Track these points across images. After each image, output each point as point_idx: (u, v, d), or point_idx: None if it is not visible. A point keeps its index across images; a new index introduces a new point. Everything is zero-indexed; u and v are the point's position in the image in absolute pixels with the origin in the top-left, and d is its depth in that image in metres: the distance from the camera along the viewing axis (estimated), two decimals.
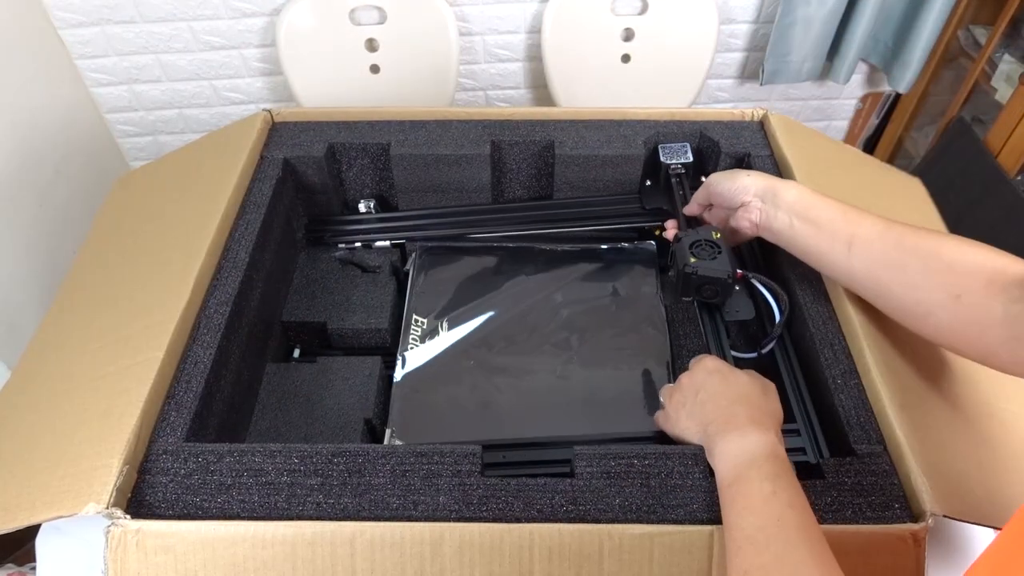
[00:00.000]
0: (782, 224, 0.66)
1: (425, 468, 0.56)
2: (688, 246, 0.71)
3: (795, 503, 0.49)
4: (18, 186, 1.27)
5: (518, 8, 1.45)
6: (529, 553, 0.52)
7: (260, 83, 1.57)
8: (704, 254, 0.70)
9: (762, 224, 0.69)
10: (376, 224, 0.91)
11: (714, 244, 0.71)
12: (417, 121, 0.90)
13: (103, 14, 1.41)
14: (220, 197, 0.77)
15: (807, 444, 0.62)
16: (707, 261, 0.70)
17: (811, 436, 0.63)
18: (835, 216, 0.63)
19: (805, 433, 0.63)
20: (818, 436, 0.63)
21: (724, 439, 0.55)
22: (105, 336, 0.67)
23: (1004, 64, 1.40)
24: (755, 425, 0.55)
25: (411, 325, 0.82)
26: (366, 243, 0.90)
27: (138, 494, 0.55)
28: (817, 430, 0.63)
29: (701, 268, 0.69)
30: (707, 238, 0.72)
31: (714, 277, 0.69)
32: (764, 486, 0.50)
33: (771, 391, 0.61)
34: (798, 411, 0.66)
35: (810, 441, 0.63)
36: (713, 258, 0.70)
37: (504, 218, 0.89)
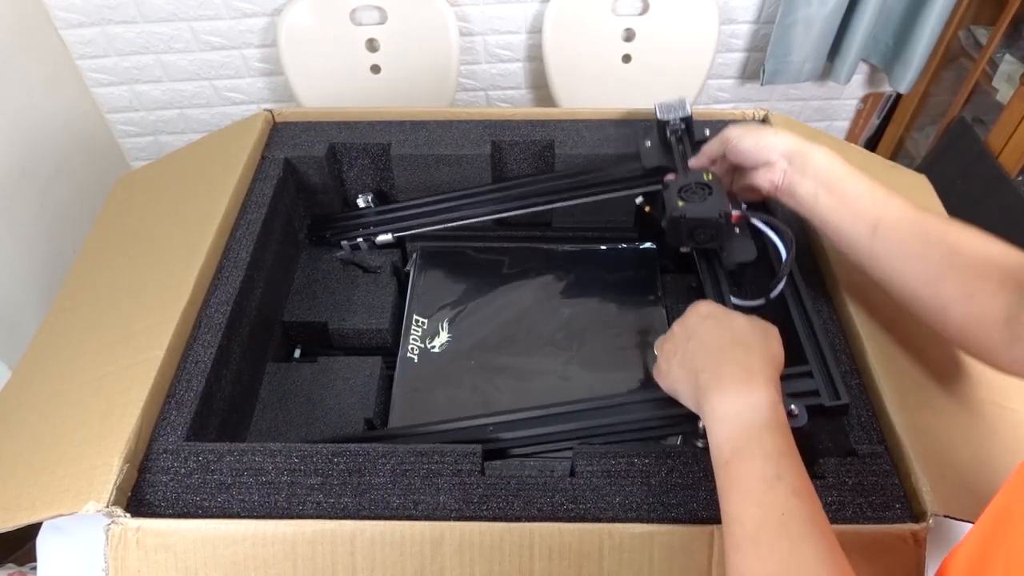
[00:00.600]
0: (806, 192, 0.61)
1: (425, 467, 0.56)
2: (677, 191, 0.66)
3: (801, 490, 0.45)
4: (19, 186, 1.28)
5: (518, 8, 1.45)
6: (529, 552, 0.52)
7: (260, 83, 1.57)
8: (694, 197, 0.65)
9: (783, 188, 0.63)
10: (375, 217, 0.90)
11: (705, 186, 0.65)
12: (417, 121, 0.90)
13: (104, 14, 1.41)
14: (221, 197, 0.77)
15: (820, 385, 0.58)
16: (697, 204, 0.64)
17: (825, 376, 0.59)
18: (863, 193, 0.59)
19: (819, 374, 0.59)
20: (833, 376, 0.58)
21: (718, 396, 0.51)
22: (106, 336, 0.67)
23: (1005, 64, 1.39)
24: (752, 379, 0.50)
25: (412, 325, 0.82)
26: (368, 237, 0.89)
27: (138, 493, 0.55)
28: (833, 371, 0.59)
29: (690, 211, 0.64)
30: (697, 180, 0.66)
31: (705, 218, 0.63)
32: (767, 469, 0.46)
33: (772, 334, 0.55)
34: (811, 351, 0.61)
35: (824, 382, 0.58)
36: (704, 200, 0.64)
37: (503, 196, 0.87)
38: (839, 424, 0.59)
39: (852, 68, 1.51)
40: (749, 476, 0.46)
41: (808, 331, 0.63)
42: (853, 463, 0.56)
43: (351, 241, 0.90)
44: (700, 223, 0.64)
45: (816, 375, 0.59)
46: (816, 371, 0.59)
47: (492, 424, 0.64)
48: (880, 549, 0.53)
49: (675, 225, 0.64)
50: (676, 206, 0.64)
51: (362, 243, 0.90)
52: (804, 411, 0.53)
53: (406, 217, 0.89)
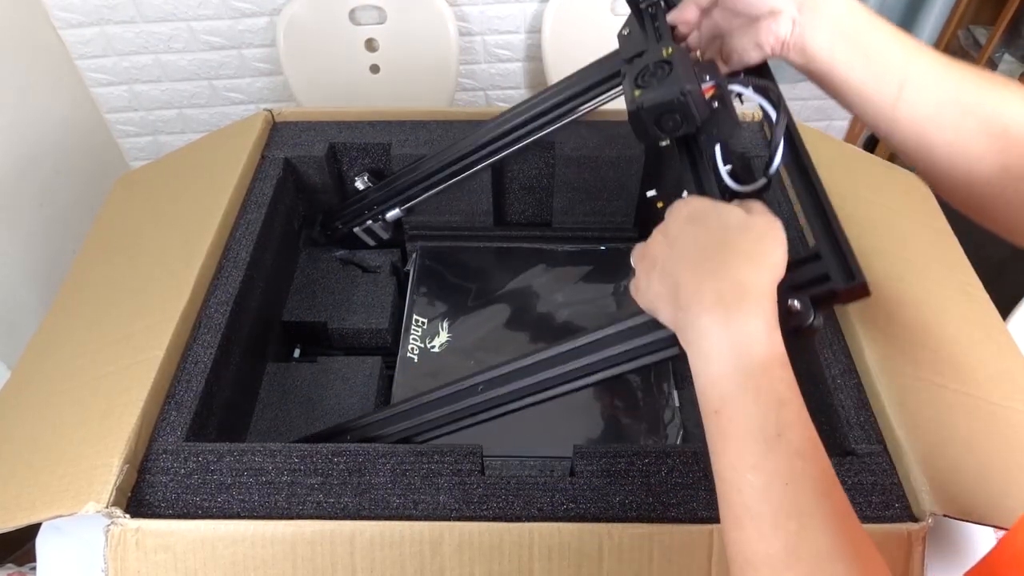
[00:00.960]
0: (821, 44, 0.51)
1: (425, 467, 0.56)
2: (633, 79, 0.55)
3: (806, 450, 0.38)
4: (18, 186, 1.27)
5: (518, 8, 1.45)
6: (529, 552, 0.52)
7: (260, 83, 1.57)
8: (652, 80, 0.54)
9: (794, 42, 0.52)
10: (378, 194, 0.88)
11: (664, 63, 0.54)
12: (417, 121, 0.90)
13: (103, 14, 1.41)
14: (221, 197, 0.77)
15: (832, 268, 0.45)
16: (654, 87, 0.53)
17: (837, 256, 0.46)
18: (890, 45, 0.50)
19: (829, 254, 0.47)
20: (846, 254, 0.45)
21: (702, 321, 0.41)
22: (105, 336, 0.67)
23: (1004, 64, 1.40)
24: (745, 298, 0.40)
25: (411, 325, 0.82)
26: (378, 216, 0.88)
27: (138, 493, 0.55)
28: (845, 248, 0.46)
29: (648, 98, 0.53)
30: (655, 59, 0.55)
31: (665, 101, 0.52)
32: (765, 425, 0.38)
33: (773, 235, 0.44)
34: (818, 227, 0.49)
35: (836, 262, 0.46)
36: (663, 79, 0.53)
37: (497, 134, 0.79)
38: None
39: None
40: (744, 433, 0.39)
41: (813, 202, 0.51)
42: (852, 463, 0.56)
43: (363, 226, 0.89)
44: (662, 108, 0.53)
45: (826, 257, 0.46)
46: (826, 252, 0.47)
47: (481, 383, 0.60)
48: (880, 549, 0.52)
49: (636, 119, 0.54)
50: (633, 96, 0.54)
51: (372, 224, 0.89)
52: (808, 304, 0.43)
53: (408, 185, 0.85)
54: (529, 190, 0.92)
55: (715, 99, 0.54)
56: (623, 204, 0.90)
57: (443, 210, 0.91)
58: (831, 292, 0.44)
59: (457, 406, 0.61)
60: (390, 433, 0.64)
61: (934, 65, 0.49)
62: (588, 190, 0.89)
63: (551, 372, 0.57)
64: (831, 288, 0.44)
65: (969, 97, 0.48)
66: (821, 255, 0.47)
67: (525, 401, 0.59)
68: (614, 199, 0.89)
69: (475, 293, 0.85)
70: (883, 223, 0.78)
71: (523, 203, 0.93)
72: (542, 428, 0.72)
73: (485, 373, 0.60)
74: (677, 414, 0.74)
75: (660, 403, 0.74)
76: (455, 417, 0.61)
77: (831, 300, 0.45)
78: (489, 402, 0.60)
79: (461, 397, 0.61)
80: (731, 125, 0.55)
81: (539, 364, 0.58)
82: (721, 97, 0.54)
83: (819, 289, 0.44)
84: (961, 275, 0.76)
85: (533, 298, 0.84)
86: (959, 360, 0.65)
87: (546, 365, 0.57)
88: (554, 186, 0.89)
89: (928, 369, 0.64)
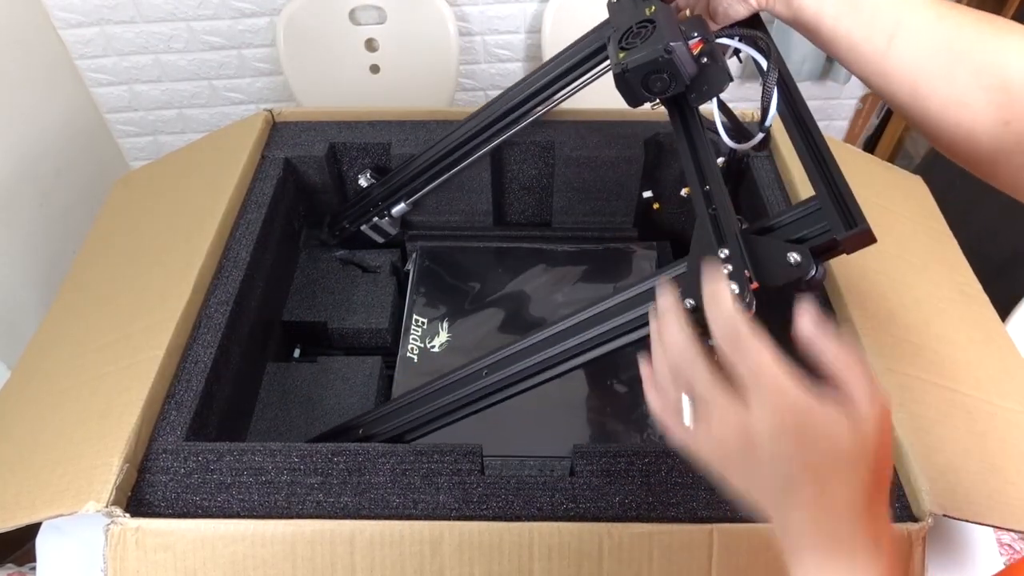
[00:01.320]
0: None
1: (425, 467, 0.56)
2: (617, 42, 0.54)
3: None
4: (18, 186, 1.27)
5: (518, 8, 1.45)
6: (529, 551, 0.52)
7: (260, 83, 1.57)
8: (635, 41, 0.52)
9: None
10: (383, 190, 0.88)
11: (647, 22, 0.53)
12: (417, 121, 0.90)
13: (103, 14, 1.41)
14: (221, 197, 0.77)
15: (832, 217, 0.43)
16: (638, 47, 0.51)
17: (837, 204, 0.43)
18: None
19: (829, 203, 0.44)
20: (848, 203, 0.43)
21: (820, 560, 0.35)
22: (106, 335, 0.67)
23: None
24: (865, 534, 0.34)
25: (411, 325, 0.82)
26: (384, 213, 0.88)
27: (138, 493, 0.55)
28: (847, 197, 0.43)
29: (632, 60, 0.51)
30: (638, 20, 0.53)
31: (649, 61, 0.50)
32: None
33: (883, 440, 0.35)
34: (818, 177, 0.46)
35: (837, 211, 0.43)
36: (646, 39, 0.51)
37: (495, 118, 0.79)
38: None
39: None
40: None
41: (812, 152, 0.48)
42: None
43: (370, 223, 0.89)
44: (648, 67, 0.51)
45: (825, 206, 0.44)
46: (826, 201, 0.44)
47: (485, 367, 0.60)
48: None
49: (622, 82, 0.52)
50: (617, 59, 0.52)
51: (379, 220, 0.89)
52: (809, 256, 0.41)
53: (412, 177, 0.85)
54: (529, 190, 0.92)
55: (703, 55, 0.52)
56: (623, 204, 0.90)
57: (443, 210, 0.91)
58: (832, 241, 0.43)
59: (464, 391, 0.60)
60: (400, 424, 0.63)
61: (928, 11, 0.46)
62: (588, 190, 0.89)
63: (554, 349, 0.56)
64: (832, 237, 0.43)
65: (964, 44, 0.44)
66: (821, 206, 0.45)
67: (532, 381, 0.57)
68: (614, 199, 0.89)
69: (475, 293, 0.85)
70: (882, 224, 0.78)
71: (523, 203, 0.94)
72: (542, 428, 0.72)
73: (488, 357, 0.60)
74: None
75: None
76: (463, 403, 0.60)
77: (833, 250, 0.43)
78: (495, 384, 0.58)
79: (468, 382, 0.60)
80: (722, 79, 0.52)
81: (542, 343, 0.57)
82: (710, 52, 0.52)
83: (821, 240, 0.43)
84: (960, 275, 0.76)
85: (533, 298, 0.84)
86: (959, 360, 0.65)
87: (548, 343, 0.56)
88: (554, 186, 0.89)
89: (928, 369, 0.64)
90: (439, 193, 0.90)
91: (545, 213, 0.93)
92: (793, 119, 0.50)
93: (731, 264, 0.43)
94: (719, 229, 0.46)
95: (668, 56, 0.50)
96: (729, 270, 0.43)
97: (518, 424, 0.72)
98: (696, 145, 0.53)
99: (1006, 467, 0.59)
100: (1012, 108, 0.43)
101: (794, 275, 0.41)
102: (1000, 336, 0.71)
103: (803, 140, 0.49)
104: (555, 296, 0.84)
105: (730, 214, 0.47)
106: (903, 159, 1.74)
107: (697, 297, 0.43)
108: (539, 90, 0.73)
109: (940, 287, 0.73)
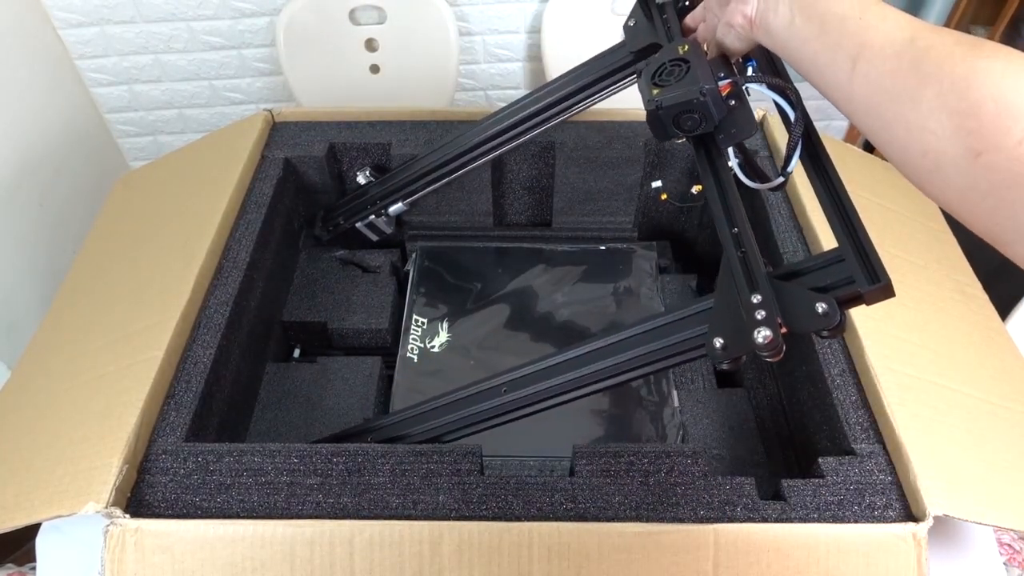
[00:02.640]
0: (782, 20, 0.48)
1: (425, 467, 0.56)
2: (650, 77, 0.55)
3: None
4: (18, 186, 1.27)
5: (518, 8, 1.45)
6: (528, 552, 0.52)
7: (260, 83, 1.57)
8: (670, 79, 0.53)
9: (758, 20, 0.51)
10: (380, 189, 0.88)
11: (681, 61, 0.54)
12: (417, 121, 0.90)
13: (103, 14, 1.41)
14: (221, 197, 0.77)
15: (855, 270, 0.46)
16: (673, 86, 0.53)
17: (860, 257, 0.46)
18: (848, 13, 0.45)
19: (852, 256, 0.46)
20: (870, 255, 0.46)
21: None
22: (105, 336, 0.67)
23: None
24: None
25: (411, 325, 0.82)
26: (381, 212, 0.87)
27: (137, 493, 0.55)
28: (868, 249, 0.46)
29: (667, 97, 0.52)
30: (671, 58, 0.54)
31: (685, 101, 0.52)
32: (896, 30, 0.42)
33: None
34: (841, 229, 0.48)
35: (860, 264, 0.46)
36: (680, 78, 0.53)
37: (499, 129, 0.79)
38: None
39: None
40: None
41: (834, 203, 0.50)
42: (853, 463, 0.56)
43: (365, 221, 0.89)
44: (682, 107, 0.53)
45: (849, 259, 0.46)
46: (849, 254, 0.46)
47: (504, 384, 0.60)
48: (880, 549, 0.52)
49: (655, 119, 0.54)
50: (651, 96, 0.53)
51: (375, 219, 0.88)
52: (835, 306, 0.44)
53: (411, 179, 0.85)
54: (529, 190, 0.92)
55: (731, 97, 0.54)
56: (623, 204, 0.90)
57: (443, 210, 0.91)
58: (856, 294, 0.45)
59: (481, 407, 0.61)
60: (412, 435, 0.63)
61: (898, 33, 0.43)
62: (588, 190, 0.89)
63: (576, 373, 0.57)
64: (856, 290, 0.45)
65: (931, 66, 0.41)
66: (844, 257, 0.46)
67: (551, 402, 0.59)
68: (614, 199, 0.89)
69: (475, 293, 0.85)
70: (882, 223, 0.78)
71: (523, 203, 0.93)
72: (542, 428, 0.72)
73: (509, 374, 0.61)
74: (677, 414, 0.74)
75: (660, 403, 0.74)
76: (479, 419, 0.61)
77: (856, 301, 0.46)
78: (514, 403, 0.60)
79: (485, 398, 0.61)
80: (750, 124, 0.54)
81: (563, 365, 0.58)
82: (738, 95, 0.54)
83: (844, 291, 0.45)
84: (960, 275, 0.76)
85: (533, 298, 0.84)
86: (959, 360, 0.65)
87: (571, 366, 0.58)
88: (554, 186, 0.89)
89: (928, 369, 0.64)
90: (439, 193, 0.90)
91: (545, 213, 0.93)
92: (815, 168, 0.51)
93: (763, 310, 0.45)
94: (749, 272, 0.48)
95: (703, 99, 0.52)
96: (762, 316, 0.45)
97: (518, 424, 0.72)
98: (724, 186, 0.54)
99: (1007, 467, 0.59)
100: (983, 137, 0.38)
101: (822, 325, 0.44)
102: (1000, 335, 0.71)
103: (826, 190, 0.50)
104: (555, 296, 0.84)
105: (758, 258, 0.48)
106: None
107: (727, 338, 0.46)
108: (548, 106, 0.75)
109: (940, 287, 0.73)
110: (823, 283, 0.46)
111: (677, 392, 0.76)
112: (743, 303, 0.46)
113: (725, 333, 0.46)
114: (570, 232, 0.92)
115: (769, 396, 0.76)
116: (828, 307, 0.44)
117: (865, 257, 0.46)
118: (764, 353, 0.44)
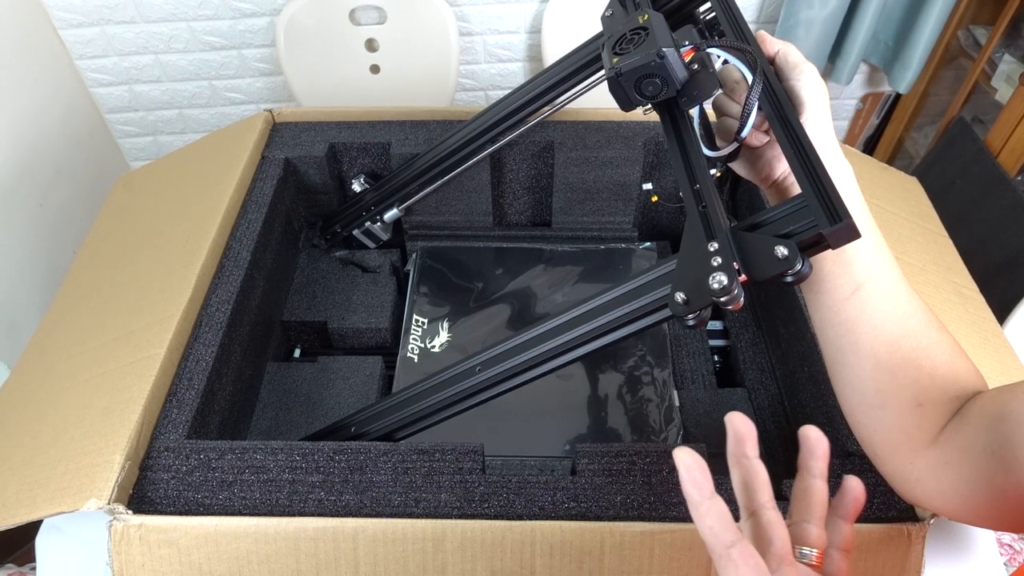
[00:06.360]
0: None
1: (427, 466, 0.56)
2: (611, 48, 0.55)
3: None
4: (18, 186, 1.28)
5: (518, 8, 1.45)
6: (531, 550, 0.52)
7: (260, 83, 1.57)
8: (629, 47, 0.54)
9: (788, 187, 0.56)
10: (375, 195, 0.88)
11: (640, 29, 0.54)
12: (417, 121, 0.90)
13: (103, 14, 1.41)
14: (221, 197, 0.77)
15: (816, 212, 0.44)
16: (631, 52, 0.53)
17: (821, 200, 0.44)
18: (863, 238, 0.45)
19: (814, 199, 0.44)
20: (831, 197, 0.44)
21: None
22: (107, 334, 0.67)
23: (1004, 64, 1.40)
24: None
25: (412, 325, 0.82)
26: (376, 218, 0.88)
27: (139, 491, 0.55)
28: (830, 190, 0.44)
29: (625, 64, 0.52)
30: (632, 27, 0.55)
31: (642, 65, 0.52)
32: None
33: None
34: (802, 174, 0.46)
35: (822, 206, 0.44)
36: (639, 44, 0.53)
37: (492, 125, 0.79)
38: None
39: (854, 69, 1.51)
40: None
41: (796, 149, 0.48)
42: (853, 463, 0.57)
43: (361, 228, 0.89)
44: (641, 71, 0.52)
45: (810, 201, 0.45)
46: (810, 197, 0.45)
47: (479, 364, 0.59)
48: (879, 548, 0.53)
49: (615, 85, 0.54)
50: (611, 64, 0.54)
51: (371, 226, 0.89)
52: (796, 250, 0.43)
53: (405, 183, 0.85)
54: (529, 190, 0.92)
55: (694, 62, 0.54)
56: (623, 204, 0.90)
57: (443, 210, 0.91)
58: (818, 236, 0.43)
59: (456, 388, 0.59)
60: (391, 422, 0.62)
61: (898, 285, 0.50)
62: (588, 190, 0.89)
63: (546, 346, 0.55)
64: (818, 232, 0.43)
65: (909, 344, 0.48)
66: (808, 203, 0.45)
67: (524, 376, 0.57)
68: (614, 199, 0.90)
69: (475, 293, 0.85)
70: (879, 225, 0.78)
71: (523, 203, 0.94)
72: (543, 428, 0.72)
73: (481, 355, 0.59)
74: (677, 414, 0.74)
75: (660, 403, 0.74)
76: (455, 399, 0.59)
77: (819, 244, 0.44)
78: (487, 380, 0.58)
79: (460, 379, 0.59)
80: (711, 85, 0.54)
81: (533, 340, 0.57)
82: (700, 60, 0.54)
83: (806, 234, 0.44)
84: (956, 277, 0.76)
85: (533, 298, 0.85)
86: None
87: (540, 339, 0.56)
88: (554, 186, 0.89)
89: None
90: (439, 193, 0.90)
91: (545, 213, 0.93)
92: (778, 119, 0.50)
93: (720, 257, 0.44)
94: (708, 224, 0.47)
95: (660, 60, 0.52)
96: (719, 263, 0.43)
97: (519, 424, 0.72)
98: (686, 146, 0.54)
99: None
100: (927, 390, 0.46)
101: (781, 268, 0.42)
102: (996, 337, 0.71)
103: (787, 138, 0.49)
104: (555, 296, 0.85)
105: (719, 210, 0.47)
106: (903, 159, 1.74)
107: (688, 291, 0.45)
108: (534, 98, 0.74)
109: (937, 288, 0.73)
110: (786, 230, 0.45)
111: (677, 392, 0.76)
112: (701, 253, 0.45)
113: (686, 287, 0.45)
114: (570, 232, 0.92)
115: (770, 396, 0.76)
116: (788, 251, 0.43)
117: (826, 199, 0.44)
118: (721, 299, 0.43)
